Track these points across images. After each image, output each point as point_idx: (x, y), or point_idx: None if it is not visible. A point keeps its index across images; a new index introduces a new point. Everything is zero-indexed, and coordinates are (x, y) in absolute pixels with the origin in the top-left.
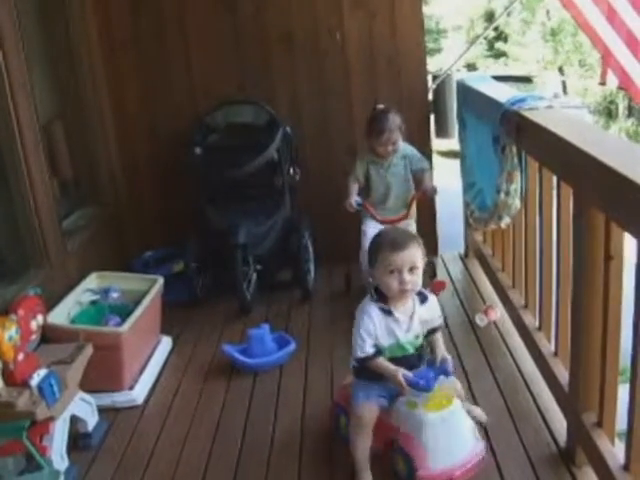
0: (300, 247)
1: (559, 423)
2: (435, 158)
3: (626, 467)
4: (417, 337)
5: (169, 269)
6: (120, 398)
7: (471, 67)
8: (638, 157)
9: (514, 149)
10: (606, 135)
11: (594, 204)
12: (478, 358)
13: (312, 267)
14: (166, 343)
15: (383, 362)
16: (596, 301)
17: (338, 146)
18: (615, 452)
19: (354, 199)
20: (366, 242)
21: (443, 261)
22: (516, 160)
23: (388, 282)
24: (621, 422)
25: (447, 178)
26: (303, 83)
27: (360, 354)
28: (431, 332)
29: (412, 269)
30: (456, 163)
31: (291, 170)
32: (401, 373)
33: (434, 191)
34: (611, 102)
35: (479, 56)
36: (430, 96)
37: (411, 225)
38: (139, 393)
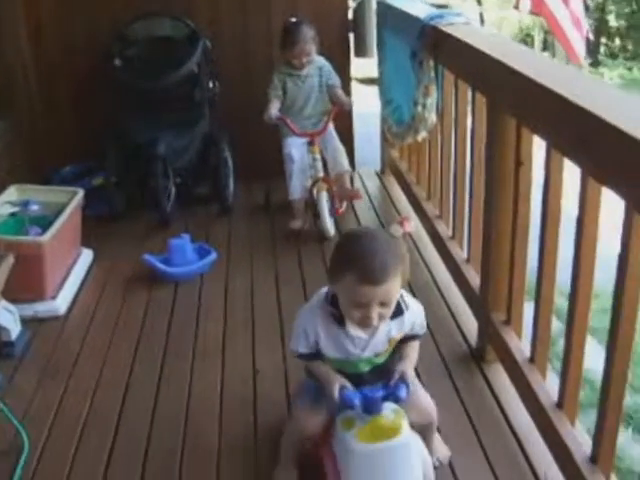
0: (219, 161)
1: (471, 325)
2: (353, 85)
3: (532, 359)
4: (378, 355)
5: (88, 183)
6: (42, 308)
7: None
8: (548, 65)
9: (431, 63)
10: (518, 46)
11: (506, 111)
12: None
13: (231, 182)
14: (87, 255)
15: (320, 367)
16: (507, 206)
17: (258, 60)
18: (522, 347)
19: (274, 111)
20: (292, 166)
21: (360, 177)
22: (433, 74)
23: (349, 312)
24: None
25: (365, 104)
26: None
27: (293, 348)
28: (405, 339)
29: (384, 304)
30: (374, 90)
31: (211, 84)
32: (338, 384)
33: (350, 105)
34: (527, 35)
35: None
36: (350, 15)
37: (332, 133)
38: (61, 303)
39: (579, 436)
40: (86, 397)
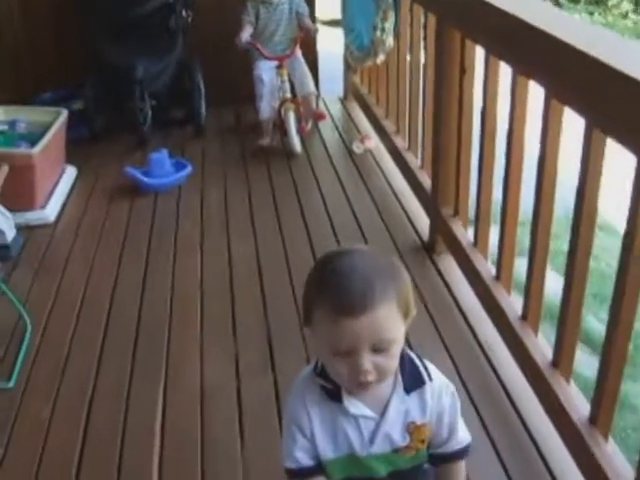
0: (193, 86)
1: (423, 223)
2: (318, 27)
3: (475, 244)
4: (397, 451)
5: (69, 107)
6: (33, 216)
7: None
8: None
9: None
10: None
11: (452, 25)
12: (356, 182)
13: (203, 105)
14: (71, 171)
15: None
16: (453, 110)
17: None
18: (467, 235)
19: (245, 36)
20: (262, 88)
21: (324, 102)
22: (391, 0)
23: (332, 367)
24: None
25: (329, 45)
26: None
27: (289, 464)
28: (441, 459)
29: (378, 348)
30: (338, 31)
31: (184, 12)
32: None
33: (315, 30)
34: None
35: None
36: None
37: (299, 58)
38: (51, 212)
39: (514, 302)
40: (79, 289)
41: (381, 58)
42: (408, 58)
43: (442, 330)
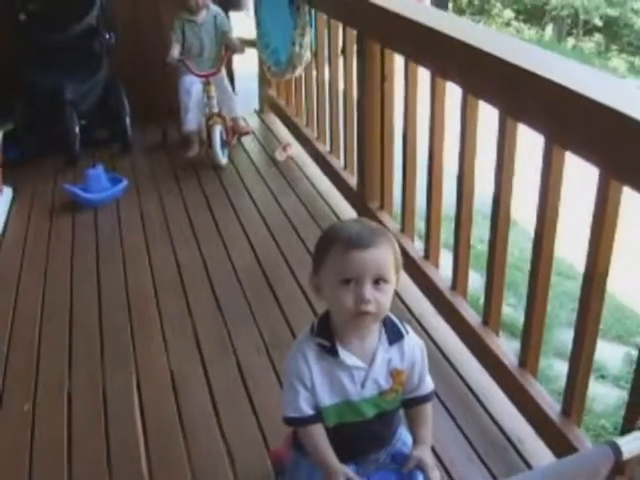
0: (119, 104)
1: (350, 216)
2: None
3: (402, 229)
4: (382, 394)
5: None
6: None
7: None
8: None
9: (306, 8)
10: None
11: (372, 38)
12: (282, 186)
13: (129, 122)
14: (7, 192)
15: (322, 445)
16: (375, 115)
17: (148, 14)
18: (394, 223)
19: (174, 53)
20: (187, 99)
21: (243, 118)
22: (307, 17)
23: (339, 298)
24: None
25: (240, 62)
26: None
27: (290, 413)
28: (413, 402)
29: (378, 281)
30: (253, 51)
31: (107, 34)
32: (343, 477)
33: (242, 50)
34: None
35: None
36: None
37: (224, 79)
38: None
39: (443, 275)
40: (37, 299)
41: (299, 71)
42: (327, 70)
43: None
